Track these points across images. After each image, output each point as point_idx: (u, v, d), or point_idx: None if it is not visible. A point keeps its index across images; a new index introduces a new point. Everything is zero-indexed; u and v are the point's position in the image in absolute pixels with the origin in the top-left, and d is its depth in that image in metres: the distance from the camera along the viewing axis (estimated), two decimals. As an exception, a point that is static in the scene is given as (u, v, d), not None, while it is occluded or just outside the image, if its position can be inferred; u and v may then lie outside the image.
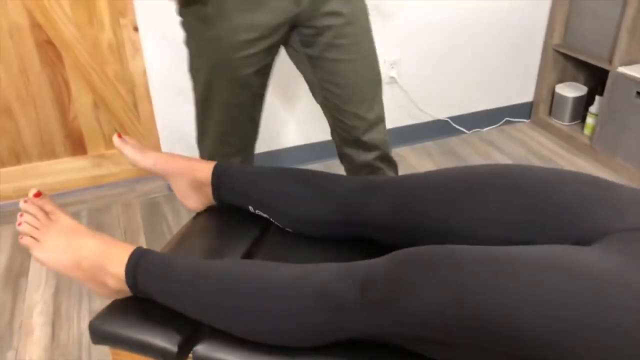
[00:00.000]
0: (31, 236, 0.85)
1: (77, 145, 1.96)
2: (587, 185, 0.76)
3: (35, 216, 0.85)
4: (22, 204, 0.86)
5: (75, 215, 1.90)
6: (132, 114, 1.96)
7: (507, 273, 0.63)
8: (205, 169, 1.00)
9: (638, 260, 0.62)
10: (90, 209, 1.95)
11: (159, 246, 1.78)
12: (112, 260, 0.83)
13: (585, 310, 0.59)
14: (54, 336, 1.45)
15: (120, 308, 0.84)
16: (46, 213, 0.86)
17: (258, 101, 1.25)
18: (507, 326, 0.61)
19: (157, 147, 2.01)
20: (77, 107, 1.89)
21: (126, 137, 1.04)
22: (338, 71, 1.20)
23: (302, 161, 2.19)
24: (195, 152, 1.57)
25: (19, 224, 0.85)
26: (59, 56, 1.79)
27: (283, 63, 1.28)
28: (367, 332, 0.72)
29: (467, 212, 0.80)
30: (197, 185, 1.02)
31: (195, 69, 1.20)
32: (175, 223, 1.89)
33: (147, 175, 2.08)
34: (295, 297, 0.75)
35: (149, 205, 1.98)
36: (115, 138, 1.03)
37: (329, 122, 1.34)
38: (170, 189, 2.03)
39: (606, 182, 0.78)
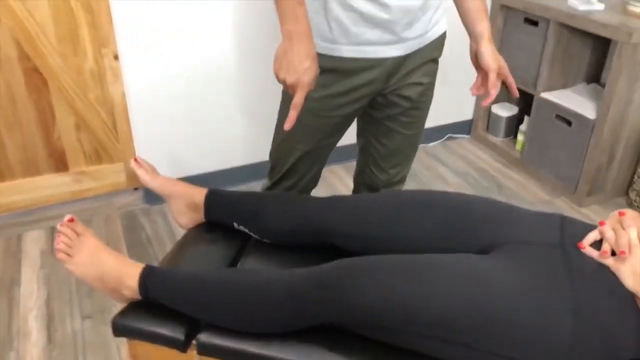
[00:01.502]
0: (65, 252, 1.05)
1: (59, 163, 2.12)
2: (490, 207, 1.02)
3: (68, 237, 1.05)
4: (59, 227, 1.07)
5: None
6: (111, 134, 2.13)
7: (422, 276, 0.89)
8: (201, 193, 1.22)
9: (519, 264, 0.89)
10: (72, 221, 2.11)
11: (139, 254, 1.97)
12: (127, 276, 1.04)
13: (472, 302, 0.85)
14: (50, 338, 1.62)
15: (135, 308, 1.04)
16: (77, 234, 1.06)
17: (332, 148, 1.36)
18: (422, 315, 0.86)
19: (134, 164, 2.18)
20: (61, 128, 2.05)
21: (140, 161, 1.27)
22: (390, 137, 1.33)
23: (251, 180, 2.29)
24: (170, 168, 1.74)
25: (57, 243, 1.05)
26: (44, 83, 1.95)
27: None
28: (328, 320, 0.95)
29: (403, 225, 1.05)
30: (192, 207, 1.23)
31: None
32: (153, 233, 2.08)
33: (123, 189, 2.26)
34: (271, 296, 0.98)
35: (127, 217, 2.16)
36: (132, 161, 1.26)
37: (359, 163, 1.48)
38: (145, 201, 2.22)
39: (505, 205, 1.05)
